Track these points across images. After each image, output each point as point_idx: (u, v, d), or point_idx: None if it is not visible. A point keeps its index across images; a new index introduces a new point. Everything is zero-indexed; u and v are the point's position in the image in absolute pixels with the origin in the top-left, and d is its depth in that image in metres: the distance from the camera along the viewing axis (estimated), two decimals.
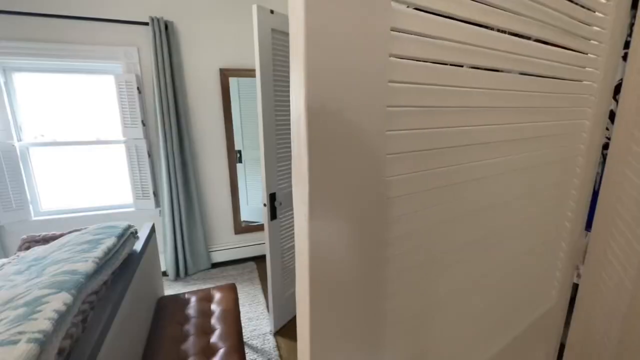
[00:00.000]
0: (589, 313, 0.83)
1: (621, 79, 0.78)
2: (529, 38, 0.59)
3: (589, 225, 0.86)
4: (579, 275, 0.87)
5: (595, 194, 0.86)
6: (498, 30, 0.54)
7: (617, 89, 0.83)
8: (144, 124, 2.41)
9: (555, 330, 0.94)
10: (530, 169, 0.70)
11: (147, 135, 2.46)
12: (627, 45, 0.83)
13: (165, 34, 2.27)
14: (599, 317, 0.80)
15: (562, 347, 0.92)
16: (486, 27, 0.52)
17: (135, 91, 2.32)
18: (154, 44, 2.25)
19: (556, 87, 0.69)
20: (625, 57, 0.82)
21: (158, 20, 2.23)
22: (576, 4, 0.65)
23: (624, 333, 0.73)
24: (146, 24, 2.26)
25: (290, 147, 1.95)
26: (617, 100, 0.81)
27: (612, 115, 1.00)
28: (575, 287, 0.89)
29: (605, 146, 0.98)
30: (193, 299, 1.70)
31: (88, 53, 2.24)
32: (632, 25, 0.75)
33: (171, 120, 2.37)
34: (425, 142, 0.49)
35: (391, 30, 0.41)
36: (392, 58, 0.41)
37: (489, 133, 0.59)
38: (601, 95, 0.82)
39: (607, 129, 0.92)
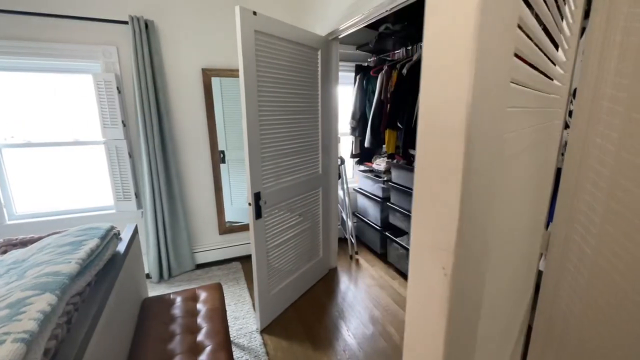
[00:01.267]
0: (553, 294, 0.91)
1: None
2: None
3: (549, 217, 0.94)
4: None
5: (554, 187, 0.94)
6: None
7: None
8: (124, 125, 2.37)
9: (527, 314, 1.02)
10: (541, 171, 0.73)
11: (127, 136, 2.42)
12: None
13: (145, 33, 2.24)
14: (562, 296, 0.88)
15: (529, 329, 0.99)
16: None
17: (115, 91, 2.28)
18: (134, 43, 2.22)
19: (549, 87, 0.70)
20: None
21: (138, 19, 2.20)
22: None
23: (584, 306, 0.80)
24: (125, 22, 2.23)
25: (277, 146, 1.97)
26: (572, 101, 0.89)
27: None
28: (539, 273, 0.96)
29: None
30: (178, 299, 1.69)
31: (64, 52, 2.19)
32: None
33: (152, 121, 2.34)
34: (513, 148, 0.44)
35: (518, 26, 0.35)
36: (515, 58, 0.37)
37: (530, 134, 0.57)
38: (566, 97, 0.89)
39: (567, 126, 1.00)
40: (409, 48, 2.57)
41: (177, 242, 2.67)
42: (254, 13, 1.70)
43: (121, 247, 1.51)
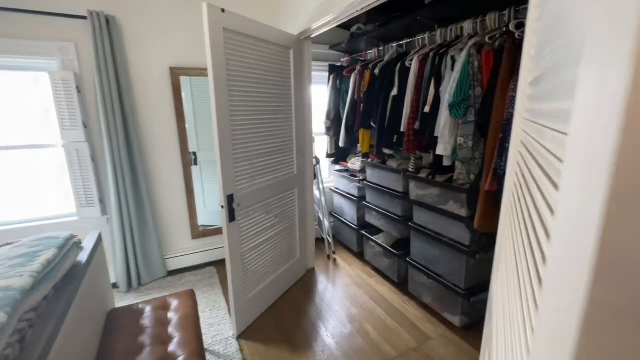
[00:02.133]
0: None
1: None
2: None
3: None
4: None
5: None
6: None
7: None
8: (85, 126, 2.23)
9: None
10: None
11: (89, 139, 2.28)
12: None
13: (106, 30, 2.12)
14: None
15: None
16: None
17: (74, 90, 2.14)
18: (94, 40, 2.09)
19: None
20: None
21: (98, 14, 2.08)
22: None
23: None
24: (84, 17, 2.10)
25: (250, 147, 1.93)
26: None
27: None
28: None
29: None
30: (148, 309, 1.62)
31: (16, 48, 2.02)
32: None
33: (117, 122, 2.22)
34: None
35: None
36: None
37: None
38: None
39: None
40: (381, 49, 2.60)
41: (147, 249, 2.55)
42: (222, 10, 1.66)
43: (83, 257, 1.42)
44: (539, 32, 0.61)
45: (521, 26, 1.44)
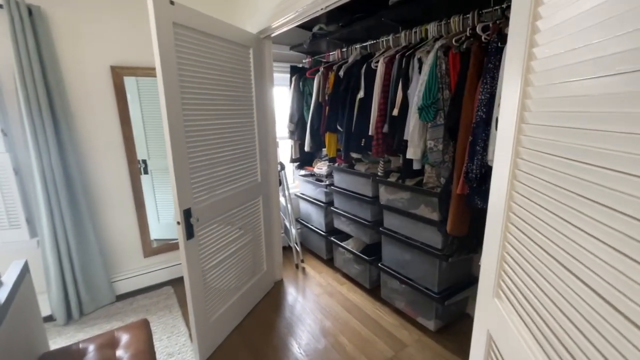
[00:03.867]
0: None
1: None
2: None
3: None
4: None
5: None
6: None
7: None
8: (4, 134, 1.88)
9: None
10: None
11: (10, 148, 1.93)
12: None
13: (29, 21, 1.81)
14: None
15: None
16: None
17: None
18: (13, 33, 1.77)
19: None
20: None
21: (17, 3, 1.76)
22: None
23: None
24: None
25: (208, 154, 1.75)
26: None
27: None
28: None
29: None
30: (91, 348, 1.37)
31: None
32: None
33: (46, 129, 1.91)
34: None
35: None
36: None
37: None
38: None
39: None
40: (344, 50, 2.54)
41: (89, 272, 2.23)
42: (172, 2, 1.47)
43: (2, 295, 1.16)
44: (550, 33, 0.56)
45: (487, 29, 1.45)
